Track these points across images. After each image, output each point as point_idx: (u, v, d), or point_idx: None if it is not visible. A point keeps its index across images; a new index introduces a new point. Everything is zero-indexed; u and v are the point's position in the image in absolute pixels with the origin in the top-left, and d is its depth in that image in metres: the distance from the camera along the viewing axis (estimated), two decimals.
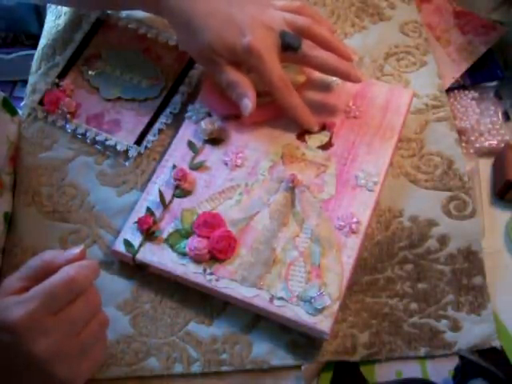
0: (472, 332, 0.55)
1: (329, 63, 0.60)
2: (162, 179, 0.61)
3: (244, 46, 0.57)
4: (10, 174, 0.66)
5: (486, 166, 0.65)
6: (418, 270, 0.58)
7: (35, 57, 0.75)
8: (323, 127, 0.63)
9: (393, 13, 0.74)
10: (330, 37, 0.61)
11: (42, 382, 0.44)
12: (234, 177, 0.61)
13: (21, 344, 0.41)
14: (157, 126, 0.67)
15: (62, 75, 0.71)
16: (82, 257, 0.46)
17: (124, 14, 0.74)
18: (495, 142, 0.65)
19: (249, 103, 0.58)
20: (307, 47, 0.59)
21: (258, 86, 0.61)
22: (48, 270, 0.44)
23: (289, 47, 0.59)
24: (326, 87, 0.65)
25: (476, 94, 0.68)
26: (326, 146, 0.62)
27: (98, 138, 0.66)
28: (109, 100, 0.69)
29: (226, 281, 0.55)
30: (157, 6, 0.62)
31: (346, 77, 0.61)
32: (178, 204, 0.60)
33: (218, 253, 0.56)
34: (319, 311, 0.53)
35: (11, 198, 0.65)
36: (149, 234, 0.58)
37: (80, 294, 0.44)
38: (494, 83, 0.69)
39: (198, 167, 0.62)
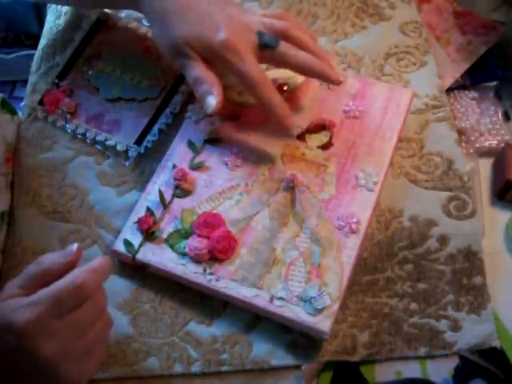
0: (472, 332, 0.55)
1: (308, 63, 0.58)
2: (161, 179, 0.61)
3: (220, 40, 0.56)
4: (7, 174, 0.66)
5: (486, 166, 0.65)
6: (418, 270, 0.58)
7: (35, 57, 0.75)
8: (323, 127, 0.63)
9: (393, 13, 0.74)
10: (309, 40, 0.60)
11: None
12: (234, 177, 0.61)
13: (27, 346, 0.41)
14: (157, 126, 0.67)
15: (62, 75, 0.71)
16: (78, 255, 0.46)
17: (124, 13, 0.74)
18: (495, 142, 0.65)
19: (212, 101, 0.56)
20: (285, 46, 0.58)
21: None
22: (48, 276, 0.44)
23: (266, 46, 0.58)
24: (325, 87, 0.65)
25: (476, 94, 0.68)
26: (325, 146, 0.62)
27: (98, 138, 0.66)
28: (109, 100, 0.69)
29: (226, 281, 0.55)
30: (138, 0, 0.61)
31: (326, 78, 0.59)
32: (178, 204, 0.60)
33: (218, 253, 0.56)
34: (319, 311, 0.53)
35: (8, 199, 0.65)
36: (149, 234, 0.58)
37: (87, 298, 0.44)
38: (494, 83, 0.69)
39: (198, 167, 0.62)
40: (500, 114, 0.67)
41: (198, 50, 0.58)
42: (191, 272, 0.56)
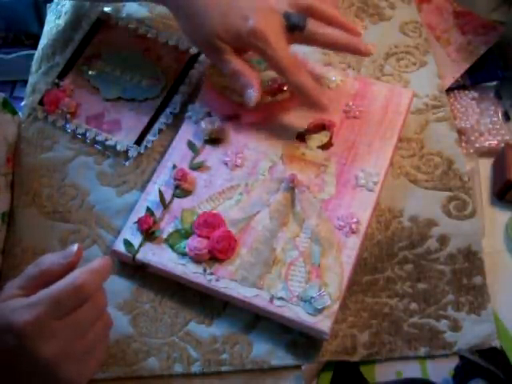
0: (472, 332, 0.55)
1: (338, 39, 0.59)
2: (161, 179, 0.61)
3: (248, 29, 0.56)
4: (7, 174, 0.66)
5: (486, 166, 0.65)
6: (418, 270, 0.58)
7: (35, 57, 0.75)
8: (323, 127, 0.63)
9: (393, 13, 0.74)
10: (335, 13, 0.60)
11: None
12: (234, 177, 0.61)
13: (27, 347, 0.41)
14: (157, 126, 0.67)
15: (62, 75, 0.71)
16: (79, 256, 0.46)
17: (124, 13, 0.74)
18: (495, 142, 0.65)
19: (253, 94, 0.58)
20: (313, 25, 0.59)
21: None
22: (48, 277, 0.44)
23: (294, 27, 0.58)
24: (325, 87, 0.65)
25: (476, 94, 0.68)
26: (325, 146, 0.62)
27: (98, 138, 0.66)
28: (109, 100, 0.69)
29: (226, 281, 0.55)
30: None
31: (357, 51, 0.60)
32: (178, 204, 0.60)
33: (218, 253, 0.56)
34: (319, 311, 0.53)
35: (8, 199, 0.65)
36: (149, 233, 0.58)
37: (87, 299, 0.44)
38: (493, 83, 0.69)
39: (198, 167, 0.62)
40: (500, 114, 0.67)
41: (229, 42, 0.58)
42: (191, 272, 0.56)
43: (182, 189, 0.60)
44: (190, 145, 0.63)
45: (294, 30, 0.58)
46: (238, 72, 0.58)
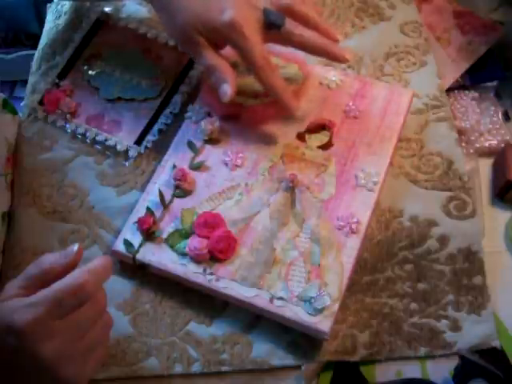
0: (472, 332, 0.55)
1: (314, 42, 0.59)
2: (162, 179, 0.61)
3: (225, 21, 0.56)
4: (7, 174, 0.65)
5: (485, 166, 0.65)
6: (418, 270, 0.58)
7: (35, 57, 0.75)
8: (323, 127, 0.63)
9: (393, 13, 0.74)
10: (315, 16, 0.60)
11: None
12: (234, 177, 0.61)
13: (27, 347, 0.41)
14: (157, 126, 0.67)
15: (62, 75, 0.71)
16: (79, 256, 0.46)
17: (124, 13, 0.74)
18: (495, 142, 0.65)
19: (228, 88, 0.57)
20: (291, 25, 0.58)
21: (256, 87, 0.61)
22: (48, 277, 0.44)
23: (272, 25, 0.58)
24: (325, 87, 0.65)
25: (476, 94, 0.68)
26: (325, 146, 0.62)
27: (97, 138, 0.66)
28: (109, 100, 0.69)
29: (226, 281, 0.55)
30: None
31: (333, 56, 0.59)
32: (178, 204, 0.60)
33: (218, 253, 0.56)
34: (319, 311, 0.53)
35: (8, 198, 0.65)
36: (149, 233, 0.58)
37: (88, 299, 0.44)
38: (493, 83, 0.69)
39: (197, 167, 0.62)
40: (500, 114, 0.67)
41: (205, 35, 0.57)
42: (191, 272, 0.56)
43: (182, 189, 0.60)
44: (190, 145, 0.63)
45: (272, 27, 0.58)
46: (213, 66, 0.58)
